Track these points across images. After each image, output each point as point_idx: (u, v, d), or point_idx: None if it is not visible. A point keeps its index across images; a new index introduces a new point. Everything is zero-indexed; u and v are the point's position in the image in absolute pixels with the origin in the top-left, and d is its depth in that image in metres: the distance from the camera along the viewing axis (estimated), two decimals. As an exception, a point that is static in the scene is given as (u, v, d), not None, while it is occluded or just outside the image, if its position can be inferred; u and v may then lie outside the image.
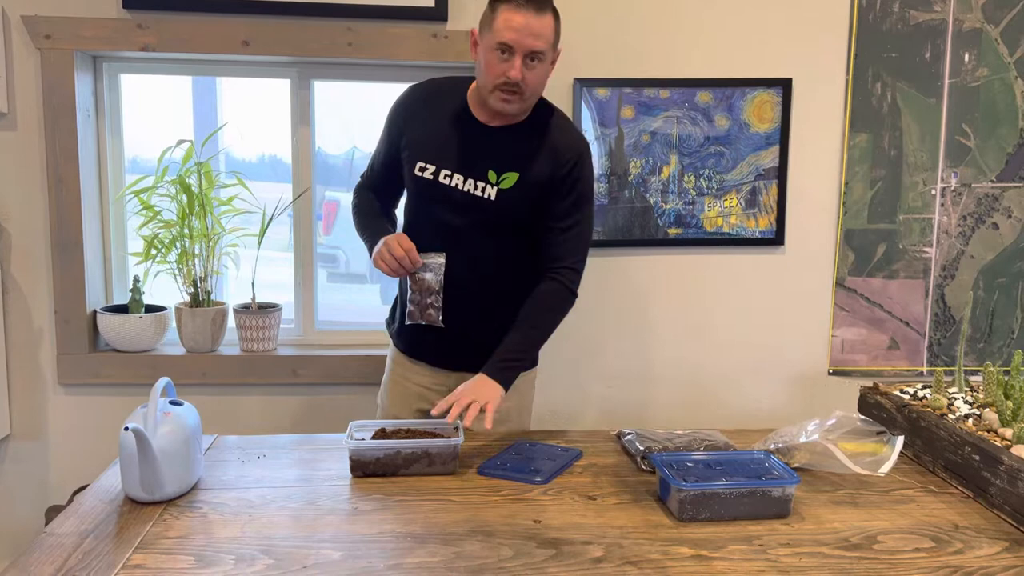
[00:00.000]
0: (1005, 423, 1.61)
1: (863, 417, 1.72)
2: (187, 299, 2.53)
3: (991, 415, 1.66)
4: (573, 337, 2.56)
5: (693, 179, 2.53)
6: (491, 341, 1.81)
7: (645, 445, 1.70)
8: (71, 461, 2.49)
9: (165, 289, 2.57)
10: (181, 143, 2.49)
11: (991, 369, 1.77)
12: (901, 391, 1.90)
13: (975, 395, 1.83)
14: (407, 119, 1.87)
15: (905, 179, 2.58)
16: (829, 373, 2.66)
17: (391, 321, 2.05)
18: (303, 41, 2.38)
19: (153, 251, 2.47)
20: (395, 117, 1.90)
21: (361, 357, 2.53)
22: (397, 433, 1.69)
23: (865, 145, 2.56)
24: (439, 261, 1.80)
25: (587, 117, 2.47)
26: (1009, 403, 1.62)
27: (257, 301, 2.56)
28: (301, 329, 2.67)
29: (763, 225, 2.57)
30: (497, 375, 1.73)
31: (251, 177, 2.58)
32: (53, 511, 2.42)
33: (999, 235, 2.63)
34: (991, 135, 2.57)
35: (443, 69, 2.34)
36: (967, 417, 1.70)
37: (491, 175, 1.80)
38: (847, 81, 2.53)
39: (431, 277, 1.80)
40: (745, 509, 1.43)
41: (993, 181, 2.60)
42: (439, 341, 1.91)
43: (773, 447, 1.69)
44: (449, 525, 1.40)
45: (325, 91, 2.60)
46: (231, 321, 2.56)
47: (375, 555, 1.29)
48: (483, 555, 1.29)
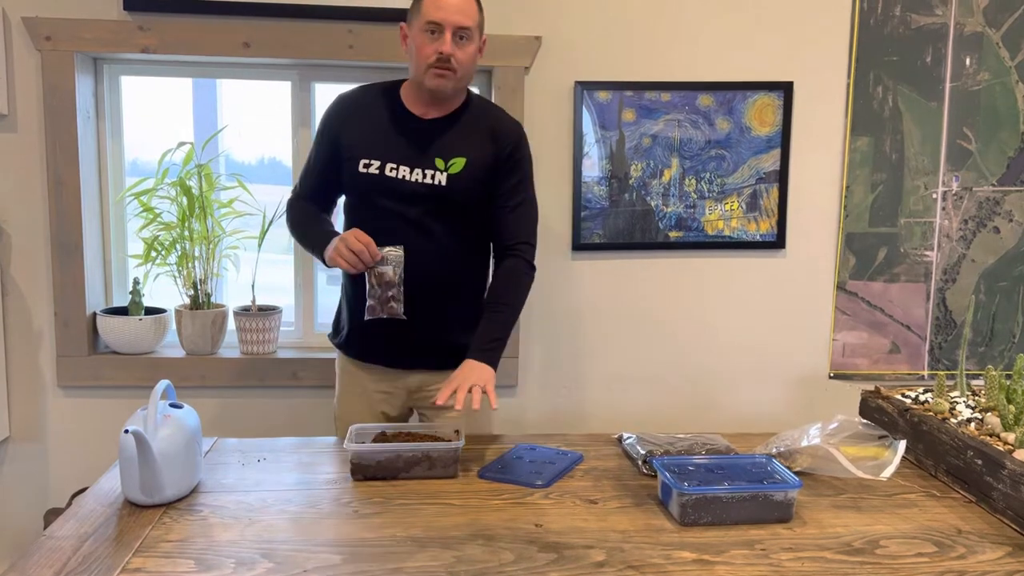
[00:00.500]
0: (1007, 427, 1.61)
1: (865, 421, 1.72)
2: (187, 301, 2.53)
3: (993, 419, 1.65)
4: (574, 340, 2.56)
5: (694, 182, 2.53)
6: (447, 334, 1.86)
7: (646, 449, 1.70)
8: (70, 464, 2.48)
9: (165, 291, 2.56)
10: (181, 145, 2.49)
11: (993, 373, 1.76)
12: (902, 395, 1.90)
13: (977, 399, 1.83)
14: (342, 123, 1.90)
15: (906, 183, 2.58)
16: (830, 377, 2.66)
17: (335, 332, 2.04)
18: (304, 43, 2.38)
19: (153, 253, 2.47)
20: (329, 122, 1.93)
21: (361, 360, 2.52)
22: (398, 436, 1.69)
23: (866, 149, 2.56)
24: (397, 253, 1.80)
25: (588, 120, 2.47)
26: (1011, 407, 1.62)
27: (257, 303, 2.55)
28: (301, 332, 2.66)
29: (764, 228, 2.57)
30: (484, 357, 1.75)
31: (251, 179, 2.57)
32: (52, 514, 2.41)
33: (1000, 239, 2.62)
34: (992, 139, 2.57)
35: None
36: (969, 421, 1.70)
37: (439, 162, 1.84)
38: (848, 85, 2.53)
39: (390, 270, 1.81)
40: (747, 513, 1.43)
41: (994, 185, 2.60)
42: (392, 341, 1.90)
43: (775, 451, 1.69)
44: (450, 529, 1.39)
45: (326, 93, 2.60)
46: (231, 323, 2.56)
47: (375, 559, 1.29)
48: (484, 559, 1.29)
